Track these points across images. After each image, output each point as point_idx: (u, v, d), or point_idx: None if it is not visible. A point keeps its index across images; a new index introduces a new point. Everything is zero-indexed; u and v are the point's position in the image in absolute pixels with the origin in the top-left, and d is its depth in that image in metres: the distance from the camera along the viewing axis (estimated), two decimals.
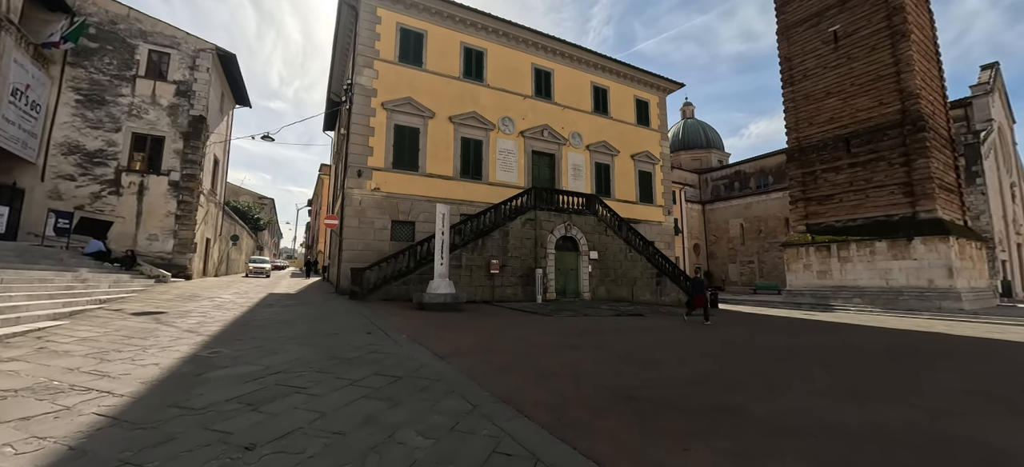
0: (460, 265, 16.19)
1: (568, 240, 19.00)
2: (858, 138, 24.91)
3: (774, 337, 10.37)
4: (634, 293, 20.14)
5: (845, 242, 24.48)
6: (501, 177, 20.34)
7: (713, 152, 57.77)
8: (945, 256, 21.03)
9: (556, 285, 18.37)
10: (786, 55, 28.89)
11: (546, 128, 21.81)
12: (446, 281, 12.73)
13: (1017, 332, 13.79)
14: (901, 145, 23.16)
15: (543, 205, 18.40)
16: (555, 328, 9.77)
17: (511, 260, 17.35)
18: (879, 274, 23.07)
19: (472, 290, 16.18)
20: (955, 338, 11.65)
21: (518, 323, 10.52)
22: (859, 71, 25.15)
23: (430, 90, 19.05)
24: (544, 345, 7.36)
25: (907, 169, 22.89)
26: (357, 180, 17.15)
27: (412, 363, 5.27)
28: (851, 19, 25.73)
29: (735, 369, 6.19)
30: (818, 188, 26.56)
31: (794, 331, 12.28)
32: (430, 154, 18.73)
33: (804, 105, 27.67)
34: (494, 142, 20.39)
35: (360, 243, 16.89)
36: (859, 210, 24.59)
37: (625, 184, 24.27)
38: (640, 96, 25.85)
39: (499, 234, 17.22)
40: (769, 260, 41.34)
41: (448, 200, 18.77)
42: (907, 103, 23.15)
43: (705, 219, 47.48)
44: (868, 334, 12.01)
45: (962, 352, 9.03)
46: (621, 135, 24.56)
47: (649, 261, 20.79)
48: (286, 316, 9.56)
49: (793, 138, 28.06)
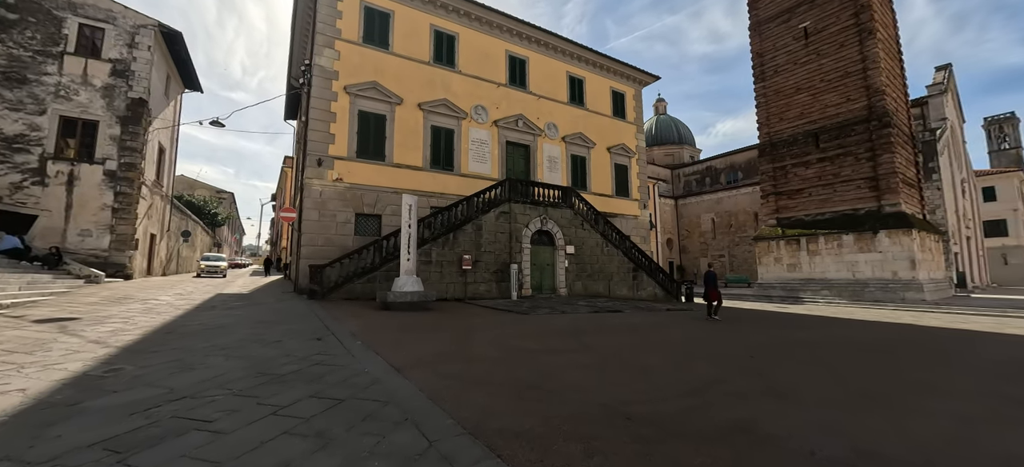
0: (430, 261, 15.21)
1: (544, 234, 18.30)
2: (826, 133, 25.33)
3: (757, 332, 9.96)
4: (611, 288, 19.68)
5: (814, 235, 24.88)
6: (474, 168, 19.40)
7: (685, 148, 58.53)
8: (908, 249, 21.60)
9: (532, 281, 17.64)
10: (758, 50, 29.11)
11: (521, 118, 20.99)
12: (413, 278, 11.75)
13: (981, 322, 14.07)
14: (867, 141, 23.65)
15: (518, 198, 17.61)
16: (532, 328, 9.00)
17: (484, 255, 16.49)
18: (846, 267, 23.54)
19: (443, 287, 15.24)
20: (931, 330, 11.63)
21: (492, 323, 9.70)
22: (828, 67, 25.55)
23: (397, 75, 17.87)
24: (520, 350, 6.57)
25: (873, 164, 23.39)
26: (317, 170, 15.84)
27: (361, 379, 4.36)
28: (821, 16, 26.08)
29: (731, 373, 5.58)
30: (788, 182, 26.92)
31: (774, 325, 11.98)
32: (398, 143, 17.58)
33: (775, 100, 27.96)
34: (466, 131, 19.41)
35: (321, 238, 15.62)
36: (827, 204, 25.04)
37: (601, 177, 23.80)
38: (616, 88, 25.40)
39: (472, 228, 16.32)
40: (739, 254, 42.11)
41: (417, 192, 17.69)
42: (873, 99, 23.63)
43: (677, 214, 47.98)
44: (846, 327, 11.85)
45: (949, 344, 8.84)
46: (597, 127, 24.04)
47: (626, 255, 20.38)
48: (226, 320, 8.38)
49: (764, 133, 28.35)
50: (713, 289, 12.76)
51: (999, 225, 47.63)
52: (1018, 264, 46.98)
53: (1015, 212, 48.65)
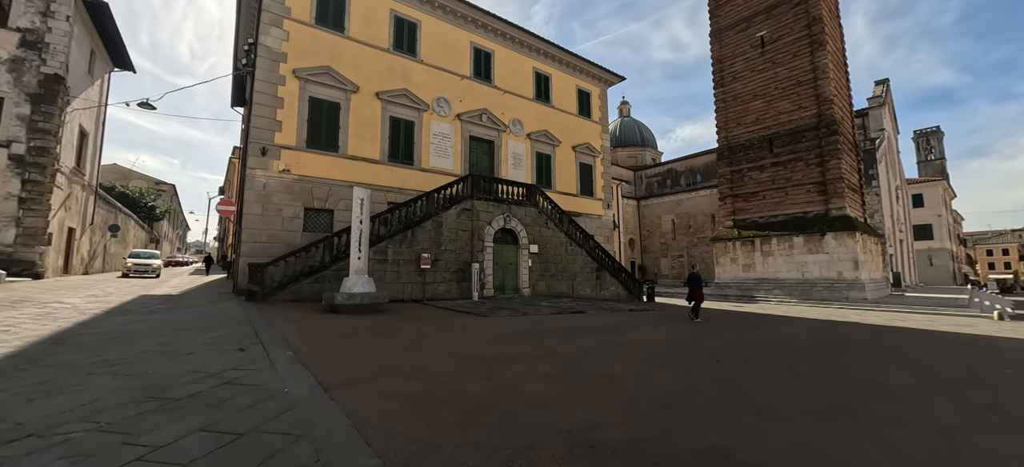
0: (386, 259, 14.30)
1: (507, 232, 17.76)
2: (780, 139, 26.33)
3: (719, 333, 9.85)
4: (574, 288, 19.43)
5: (767, 237, 25.81)
6: (435, 163, 18.57)
7: (647, 150, 59.84)
8: (852, 250, 22.76)
9: (494, 280, 17.06)
10: (718, 57, 29.92)
11: (485, 113, 20.35)
12: (365, 278, 10.86)
13: (916, 320, 14.85)
14: (817, 147, 24.76)
15: (481, 194, 16.97)
16: (491, 332, 8.41)
17: (445, 254, 15.74)
18: (796, 267, 24.55)
19: (400, 288, 14.37)
20: (877, 328, 12.03)
21: (448, 326, 9.02)
22: (782, 76, 26.57)
23: (354, 61, 16.76)
24: (476, 358, 5.96)
25: (821, 170, 24.51)
26: (261, 160, 14.53)
27: (276, 403, 3.61)
28: (776, 26, 27.09)
29: (701, 382, 5.23)
30: (744, 185, 27.82)
31: (733, 325, 12.01)
32: (353, 133, 16.48)
33: (733, 106, 28.82)
34: (428, 124, 18.54)
35: (264, 234, 14.32)
36: (780, 207, 26.04)
37: (566, 176, 23.56)
38: (582, 86, 25.26)
39: (432, 225, 15.53)
40: (697, 254, 43.38)
41: (374, 186, 16.69)
42: (822, 108, 24.76)
43: (640, 214, 48.90)
44: (801, 327, 12.05)
45: (897, 343, 9.03)
46: (563, 125, 23.78)
47: (589, 255, 20.21)
48: (137, 328, 7.25)
49: (723, 137, 29.17)
50: (697, 290, 12.77)
51: (926, 229, 51.85)
52: (941, 265, 51.32)
53: (939, 218, 53.10)
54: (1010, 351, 8.69)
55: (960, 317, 17.26)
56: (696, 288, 12.78)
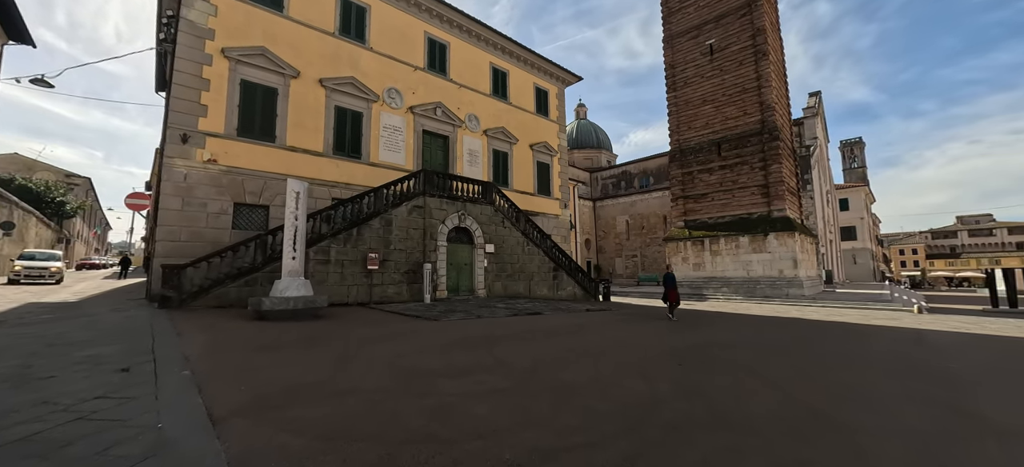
0: (328, 260, 13.13)
1: (462, 231, 17.02)
2: (727, 143, 27.40)
3: (678, 333, 9.70)
4: (531, 288, 19.01)
5: (716, 237, 26.75)
6: (385, 157, 17.47)
7: (603, 152, 61.03)
8: (792, 249, 24.02)
9: (448, 282, 16.27)
10: (670, 62, 30.74)
11: (440, 106, 19.48)
12: (299, 280, 9.76)
13: (851, 315, 15.71)
14: (760, 152, 25.96)
15: (434, 191, 16.12)
16: (439, 338, 7.69)
17: (394, 253, 14.76)
18: (742, 266, 25.60)
19: (344, 290, 13.25)
20: (821, 324, 12.46)
21: (392, 333, 8.19)
22: (729, 82, 27.66)
23: (294, 43, 15.36)
24: (416, 372, 5.24)
25: (764, 173, 25.73)
26: (182, 148, 12.87)
27: (134, 447, 2.73)
28: (724, 35, 28.18)
29: (666, 391, 4.83)
30: (695, 187, 28.73)
31: (689, 324, 12.00)
32: (293, 122, 15.09)
33: (685, 110, 29.70)
34: (377, 116, 17.41)
35: (184, 231, 12.69)
36: (727, 208, 27.09)
37: (523, 174, 23.14)
38: (540, 85, 24.97)
39: (380, 223, 14.49)
40: (650, 254, 44.62)
41: (317, 180, 15.40)
42: (765, 115, 26.01)
43: (595, 215, 49.64)
44: (752, 325, 12.26)
45: (845, 338, 9.26)
46: (520, 123, 23.35)
47: (547, 255, 19.88)
48: (2, 342, 5.88)
49: (675, 140, 29.99)
50: (672, 290, 12.92)
51: (851, 231, 56.54)
52: (864, 263, 56.15)
53: (862, 220, 58.09)
54: (938, 343, 9.16)
55: (886, 311, 18.55)
56: (672, 288, 12.95)
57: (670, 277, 13.16)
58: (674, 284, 13.05)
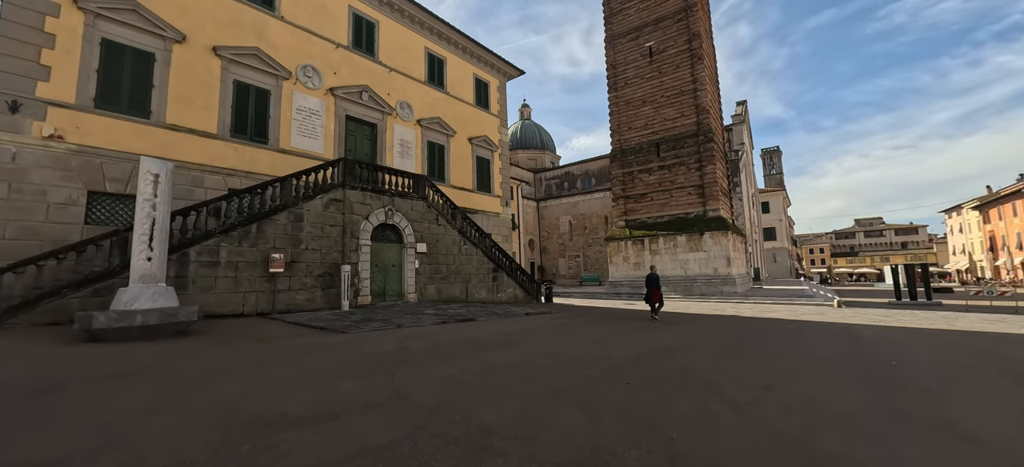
0: (217, 262, 10.84)
1: (390, 229, 15.22)
2: (666, 144, 27.78)
3: (621, 340, 8.78)
4: (469, 291, 17.59)
5: (655, 236, 26.97)
6: (299, 144, 15.22)
7: (547, 153, 61.01)
8: (726, 248, 24.68)
9: (372, 286, 14.41)
10: (612, 63, 30.76)
11: (367, 91, 17.48)
12: (155, 288, 7.59)
13: (781, 311, 16.02)
14: (696, 153, 26.54)
15: (356, 182, 14.20)
16: (333, 360, 6.06)
17: (306, 254, 12.68)
18: (680, 265, 25.97)
19: (238, 299, 11.01)
20: (759, 322, 12.24)
21: (274, 355, 6.41)
22: (668, 84, 28.08)
23: (179, 1, 12.75)
24: (260, 421, 3.61)
25: (700, 174, 26.31)
26: (10, 119, 9.98)
27: None
28: (663, 38, 28.59)
29: (613, 428, 3.68)
30: (635, 187, 28.86)
31: (632, 327, 11.24)
32: (176, 96, 12.49)
33: (625, 110, 29.80)
34: (289, 96, 15.12)
35: (10, 227, 9.81)
36: (666, 208, 27.43)
37: (461, 169, 21.66)
38: (480, 76, 23.63)
39: (288, 218, 12.37)
40: (592, 254, 44.90)
41: (208, 167, 12.92)
42: (701, 117, 26.63)
43: (539, 216, 49.22)
44: (694, 324, 11.75)
45: (789, 339, 8.84)
46: (458, 115, 21.86)
47: (486, 255, 18.56)
48: None
49: (616, 140, 30.00)
50: (656, 290, 12.59)
51: (771, 232, 61.07)
52: (782, 261, 60.83)
53: (780, 222, 62.94)
54: (871, 338, 9.04)
55: (811, 306, 19.34)
56: (655, 288, 12.60)
57: (654, 278, 12.80)
58: (658, 284, 12.77)
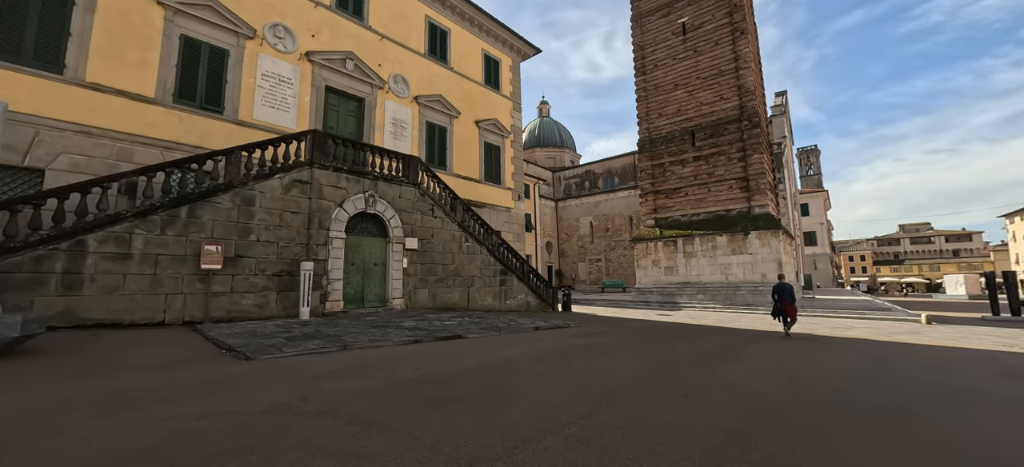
0: (127, 254, 8.24)
1: (371, 220, 12.45)
2: (702, 131, 24.32)
3: (651, 359, 5.66)
4: (470, 297, 14.65)
5: (690, 236, 23.49)
6: (265, 116, 12.64)
7: (566, 152, 57.84)
8: (776, 251, 21.02)
9: (347, 289, 11.63)
10: (639, 43, 27.53)
11: (352, 58, 14.85)
12: None
13: (863, 327, 12.34)
14: (739, 140, 22.99)
15: (329, 160, 11.49)
16: (138, 438, 3.19)
17: (258, 247, 9.99)
18: (720, 269, 22.40)
19: (157, 302, 8.37)
20: (860, 345, 8.84)
21: (53, 418, 3.60)
22: (704, 64, 24.66)
23: None
24: None
25: (744, 164, 22.74)
26: None
27: None
28: (698, 12, 25.20)
29: None
30: (666, 181, 25.44)
31: (691, 346, 8.04)
32: (101, 49, 10.05)
33: (654, 95, 26.48)
34: (253, 59, 12.57)
35: None
36: (702, 204, 23.92)
37: (467, 156, 18.80)
38: (490, 52, 20.80)
39: (234, 201, 9.71)
40: (615, 258, 41.41)
41: (144, 139, 10.44)
42: (745, 99, 23.09)
43: (558, 216, 46.03)
44: (762, 347, 8.46)
45: (880, 369, 5.52)
46: (464, 94, 19.05)
47: (492, 254, 15.60)
48: None
49: (644, 128, 26.68)
50: (789, 303, 10.43)
51: (811, 236, 56.13)
52: (824, 269, 55.81)
53: (821, 226, 57.93)
54: None
55: (893, 322, 15.60)
56: (788, 301, 10.44)
57: (785, 287, 10.48)
58: (792, 296, 10.39)
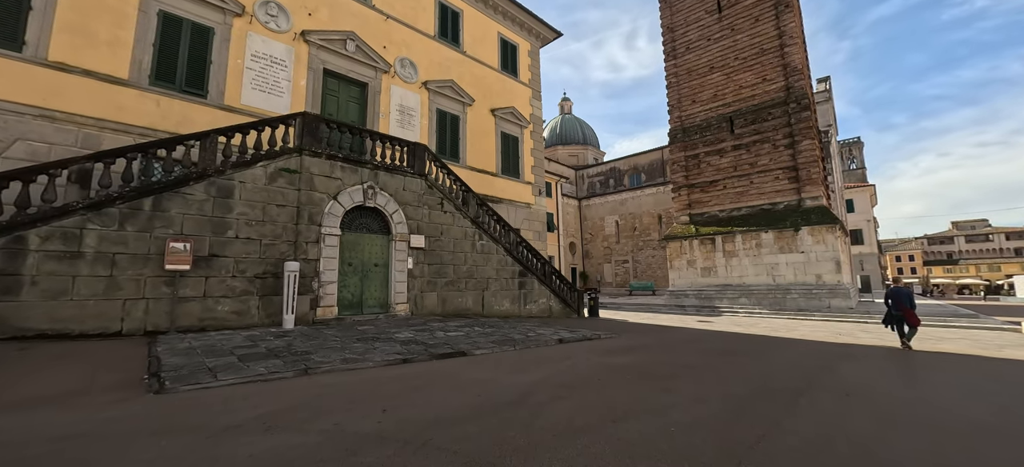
0: (78, 252, 6.99)
1: (371, 214, 10.99)
2: (743, 117, 21.99)
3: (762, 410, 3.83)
4: (485, 302, 13.02)
5: (730, 233, 21.18)
6: (254, 101, 11.39)
7: (590, 149, 55.68)
8: (833, 248, 18.51)
9: (343, 293, 10.19)
10: (669, 25, 25.40)
11: (353, 39, 13.52)
12: None
13: (958, 337, 10.02)
14: (786, 125, 20.56)
15: (321, 147, 10.11)
16: None
17: (236, 245, 8.64)
18: (766, 270, 20.00)
19: (112, 309, 7.10)
20: (980, 363, 6.71)
21: None
22: (743, 44, 22.35)
23: None
24: None
25: (792, 152, 20.30)
26: None
27: None
28: None
29: None
30: (702, 173, 23.19)
31: (736, 358, 6.13)
32: (67, 25, 8.97)
33: (687, 80, 24.29)
34: (242, 37, 11.36)
35: None
36: (744, 197, 21.57)
37: (482, 148, 17.23)
38: (507, 36, 19.22)
39: (208, 192, 8.40)
40: (643, 259, 39.03)
41: (116, 125, 9.31)
42: (791, 79, 20.68)
43: (581, 216, 43.95)
44: (852, 371, 6.44)
45: None
46: (478, 80, 17.51)
47: (510, 254, 13.93)
48: None
49: (676, 117, 24.50)
50: (908, 308, 8.83)
51: (858, 234, 51.96)
52: (871, 269, 51.56)
53: (868, 223, 53.65)
54: None
55: (987, 331, 13.06)
56: (907, 306, 8.82)
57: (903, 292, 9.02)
58: (911, 300, 8.84)
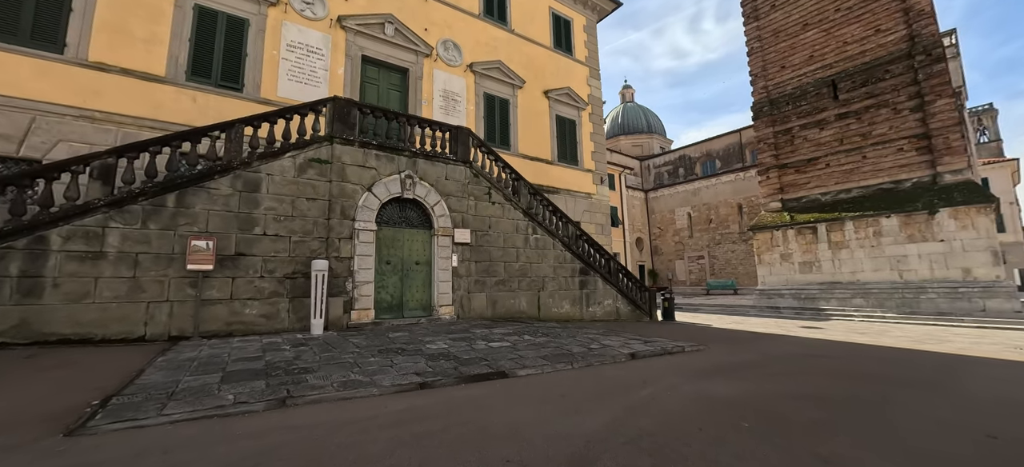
0: (100, 253, 6.53)
1: (411, 206, 9.90)
2: (848, 79, 18.22)
3: None
4: (541, 303, 11.43)
5: (837, 220, 17.57)
6: (291, 92, 10.82)
7: (655, 138, 51.88)
8: (987, 235, 14.47)
9: (381, 294, 9.16)
10: None
11: (391, 22, 12.63)
12: None
13: None
14: (912, 84, 16.59)
15: (353, 134, 9.17)
16: None
17: (264, 241, 7.90)
18: (888, 264, 16.25)
19: (136, 313, 6.56)
20: None
21: None
22: None
23: None
24: None
25: (921, 115, 16.32)
26: None
27: None
28: None
29: None
30: (796, 151, 19.66)
31: (900, 390, 3.89)
32: (105, 24, 8.85)
33: (773, 44, 20.82)
34: (276, 27, 10.84)
35: None
36: (854, 176, 17.82)
37: (534, 133, 15.67)
38: (559, 10, 17.49)
39: (233, 185, 7.73)
40: (721, 254, 35.06)
41: (154, 123, 9.03)
42: (916, 25, 16.66)
43: (648, 209, 40.70)
44: None
45: None
46: (529, 60, 15.98)
47: (568, 249, 12.22)
48: None
49: (761, 87, 21.11)
50: None
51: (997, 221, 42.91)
52: (1015, 262, 42.22)
53: (1011, 206, 44.09)
54: None
55: None
56: None
57: None
58: None
